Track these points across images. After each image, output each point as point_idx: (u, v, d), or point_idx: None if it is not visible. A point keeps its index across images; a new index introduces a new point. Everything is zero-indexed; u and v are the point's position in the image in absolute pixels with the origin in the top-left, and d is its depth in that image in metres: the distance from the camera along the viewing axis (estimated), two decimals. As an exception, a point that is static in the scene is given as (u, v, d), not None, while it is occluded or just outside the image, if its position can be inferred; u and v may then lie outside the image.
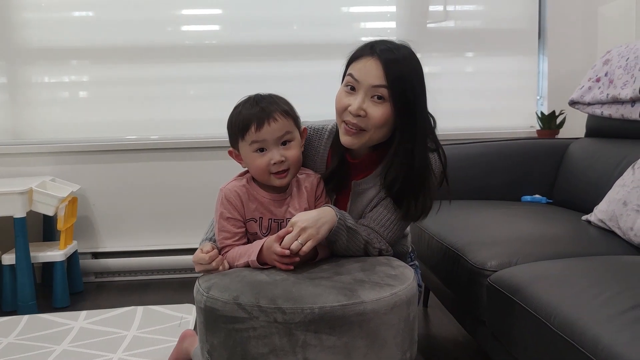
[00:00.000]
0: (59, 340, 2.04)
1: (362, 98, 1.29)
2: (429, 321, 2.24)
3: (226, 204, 1.33)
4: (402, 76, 1.29)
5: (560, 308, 1.08)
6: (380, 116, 1.29)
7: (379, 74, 1.28)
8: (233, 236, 1.33)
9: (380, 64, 1.28)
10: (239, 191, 1.34)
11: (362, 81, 1.30)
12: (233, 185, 1.35)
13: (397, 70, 1.28)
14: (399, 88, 1.28)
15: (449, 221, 1.84)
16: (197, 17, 2.93)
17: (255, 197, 1.34)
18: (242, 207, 1.34)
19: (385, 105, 1.29)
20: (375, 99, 1.29)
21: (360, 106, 1.29)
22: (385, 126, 1.32)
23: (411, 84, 1.31)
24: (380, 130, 1.32)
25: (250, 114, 1.29)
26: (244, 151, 1.32)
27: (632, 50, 1.94)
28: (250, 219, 1.34)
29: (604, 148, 2.05)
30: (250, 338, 1.11)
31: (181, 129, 2.93)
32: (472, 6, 3.07)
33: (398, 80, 1.28)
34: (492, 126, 3.02)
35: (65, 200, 2.50)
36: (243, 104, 1.34)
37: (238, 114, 1.33)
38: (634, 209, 1.53)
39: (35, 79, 2.88)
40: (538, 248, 1.48)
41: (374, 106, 1.29)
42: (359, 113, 1.29)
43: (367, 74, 1.29)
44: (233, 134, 1.34)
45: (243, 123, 1.30)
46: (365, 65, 1.30)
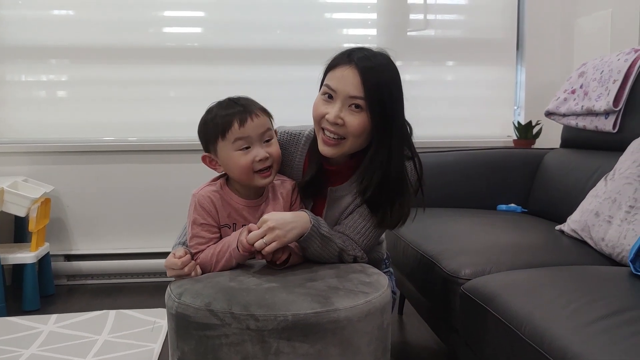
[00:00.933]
0: (27, 345, 2.00)
1: (339, 107, 1.29)
2: (403, 328, 2.25)
3: (200, 210, 1.31)
4: (379, 85, 1.29)
5: (531, 317, 1.09)
6: (357, 125, 1.29)
7: (356, 84, 1.28)
8: (207, 242, 1.31)
9: (357, 73, 1.28)
10: (212, 197, 1.32)
11: (339, 91, 1.29)
12: (206, 190, 1.33)
13: (374, 79, 1.28)
14: (376, 97, 1.28)
15: (424, 229, 1.84)
16: (180, 20, 2.91)
17: (229, 202, 1.33)
18: (216, 213, 1.32)
19: (362, 115, 1.29)
20: (353, 107, 1.29)
21: (337, 114, 1.29)
22: (362, 135, 1.32)
23: (389, 93, 1.31)
24: (358, 139, 1.32)
25: (231, 113, 1.28)
26: (225, 152, 1.29)
27: (606, 64, 1.97)
28: (224, 225, 1.33)
29: (578, 159, 2.08)
30: (222, 345, 1.10)
31: (159, 131, 2.90)
32: (453, 16, 3.10)
33: (375, 90, 1.28)
34: (469, 135, 3.05)
35: (37, 201, 2.45)
36: (217, 106, 1.33)
37: (214, 116, 1.30)
38: (606, 220, 1.56)
39: (10, 77, 2.82)
40: (512, 257, 1.49)
41: (351, 115, 1.29)
42: (337, 121, 1.29)
43: (345, 83, 1.29)
44: (210, 136, 1.31)
45: (224, 122, 1.27)
46: (342, 74, 1.30)
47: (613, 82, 1.90)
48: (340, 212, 1.42)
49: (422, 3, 3.01)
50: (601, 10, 2.58)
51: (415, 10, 3.01)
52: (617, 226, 1.50)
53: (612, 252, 1.50)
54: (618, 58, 1.92)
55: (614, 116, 1.90)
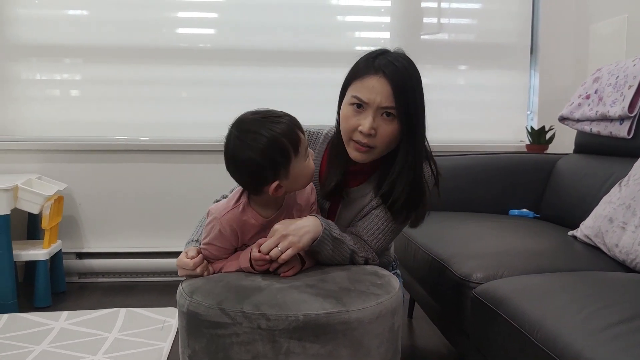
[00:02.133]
0: (38, 341, 2.01)
1: (372, 117, 1.28)
2: (413, 332, 2.24)
3: (219, 237, 1.27)
4: (406, 90, 1.29)
5: (544, 322, 1.08)
6: (390, 134, 1.30)
7: (387, 94, 1.28)
8: (219, 258, 1.31)
9: (387, 83, 1.28)
10: (236, 225, 1.26)
11: (370, 102, 1.28)
12: (230, 218, 1.26)
13: (402, 85, 1.28)
14: (404, 103, 1.28)
15: (435, 232, 1.84)
16: (193, 21, 2.93)
17: (253, 224, 1.27)
18: (237, 239, 1.28)
19: (394, 122, 1.30)
20: (385, 116, 1.29)
21: (371, 126, 1.28)
22: (392, 142, 1.32)
23: (413, 97, 1.31)
24: (388, 146, 1.33)
25: (286, 127, 1.18)
26: (298, 166, 1.21)
27: (621, 69, 1.96)
28: (244, 245, 1.30)
29: (592, 164, 2.06)
30: (233, 344, 1.10)
31: (172, 131, 2.91)
32: (466, 20, 3.09)
33: (404, 96, 1.28)
34: (482, 139, 3.04)
35: (51, 198, 2.47)
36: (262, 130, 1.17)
37: (268, 139, 1.16)
38: (620, 226, 1.54)
39: (25, 75, 2.85)
40: (524, 262, 1.48)
41: (384, 124, 1.29)
42: (370, 132, 1.28)
43: (376, 94, 1.28)
44: (281, 160, 1.18)
45: (291, 139, 1.18)
46: (372, 85, 1.28)
47: (628, 88, 1.88)
48: (355, 213, 1.41)
49: (436, 7, 3.01)
50: (617, 16, 2.56)
51: (428, 14, 3.01)
52: (632, 232, 1.49)
53: (626, 258, 1.48)
54: (634, 63, 1.91)
55: (629, 122, 1.88)
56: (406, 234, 1.94)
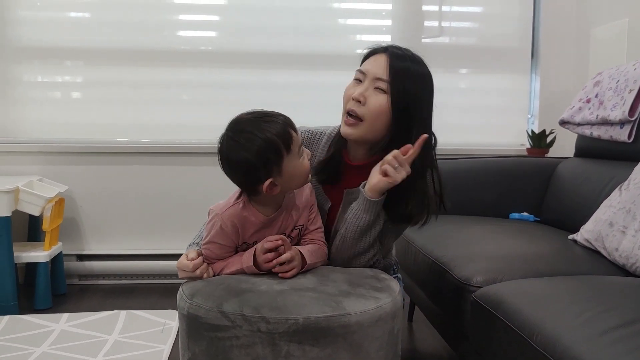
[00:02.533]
0: (39, 343, 2.02)
1: (365, 87, 1.34)
2: (413, 335, 2.24)
3: (220, 234, 1.27)
4: (406, 75, 1.33)
5: (543, 326, 1.08)
6: (376, 105, 1.32)
7: (383, 66, 1.33)
8: (219, 257, 1.30)
9: (387, 59, 1.34)
10: (237, 221, 1.26)
11: (368, 72, 1.35)
12: (231, 213, 1.26)
13: (401, 67, 1.33)
14: (400, 85, 1.32)
15: (436, 235, 1.84)
16: (194, 23, 2.94)
17: (253, 222, 1.28)
18: (238, 236, 1.28)
19: (384, 97, 1.33)
20: (378, 90, 1.33)
21: (362, 92, 1.33)
22: (379, 118, 1.33)
23: (414, 86, 1.34)
24: (376, 122, 1.33)
25: (279, 126, 1.20)
26: (291, 164, 1.22)
27: (622, 73, 1.96)
28: (244, 243, 1.30)
29: (592, 168, 2.06)
30: (232, 347, 1.10)
31: (172, 134, 2.92)
32: (467, 23, 3.10)
33: (400, 77, 1.32)
34: (482, 142, 3.04)
35: (52, 200, 2.47)
36: (256, 130, 1.19)
37: (266, 138, 1.18)
38: (620, 230, 1.54)
39: (27, 77, 2.86)
40: (524, 265, 1.48)
41: (374, 95, 1.33)
42: (359, 98, 1.32)
43: (373, 65, 1.35)
44: (274, 158, 1.19)
45: (283, 137, 1.19)
46: (374, 58, 1.36)
47: (629, 92, 1.88)
48: None
49: (437, 10, 3.01)
50: (617, 20, 2.56)
51: (430, 17, 3.01)
52: (632, 237, 1.49)
53: (626, 262, 1.48)
54: (634, 67, 1.91)
55: (629, 126, 1.88)
56: (406, 237, 1.94)
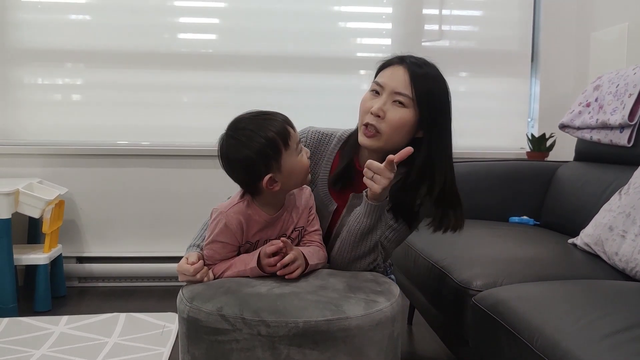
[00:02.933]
0: (38, 345, 2.01)
1: (384, 101, 1.33)
2: (412, 339, 2.24)
3: (225, 232, 1.27)
4: (430, 92, 1.33)
5: (543, 330, 1.08)
6: (397, 119, 1.32)
7: (403, 81, 1.32)
8: (222, 257, 1.30)
9: (406, 72, 1.33)
10: (242, 219, 1.27)
11: (386, 86, 1.34)
12: (236, 211, 1.27)
13: (424, 84, 1.33)
14: (425, 101, 1.32)
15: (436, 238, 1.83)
16: (194, 26, 2.94)
17: (257, 220, 1.29)
18: (242, 234, 1.29)
19: (404, 111, 1.32)
20: (397, 103, 1.32)
21: (380, 107, 1.32)
22: (400, 131, 1.33)
23: (439, 102, 1.35)
24: (395, 135, 1.33)
25: (277, 123, 1.22)
26: (289, 161, 1.23)
27: (622, 77, 1.96)
28: (247, 242, 1.31)
29: (592, 172, 2.06)
30: (232, 350, 1.10)
31: (172, 136, 2.92)
32: (467, 27, 3.11)
33: (425, 94, 1.32)
34: (482, 146, 3.04)
35: (52, 203, 2.47)
36: (255, 128, 1.21)
37: (265, 134, 1.20)
38: (620, 234, 1.54)
39: (27, 79, 2.86)
40: (524, 269, 1.48)
41: (394, 109, 1.32)
42: (379, 113, 1.31)
43: (392, 79, 1.33)
44: (272, 154, 1.21)
45: (281, 133, 1.21)
46: (392, 71, 1.35)
47: (629, 96, 1.89)
48: None
49: (437, 14, 3.02)
50: (618, 24, 2.57)
51: (430, 20, 3.02)
52: (631, 241, 1.49)
53: (626, 266, 1.48)
54: (634, 72, 1.92)
55: (629, 130, 1.89)
56: (407, 240, 1.94)
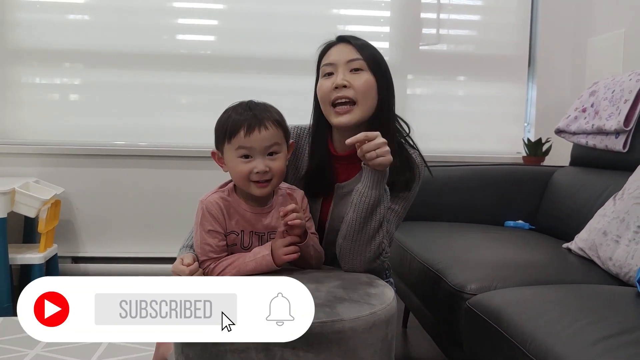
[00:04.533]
0: (32, 345, 2.01)
1: (342, 73, 1.37)
2: (407, 342, 2.24)
3: (208, 217, 1.30)
4: (372, 50, 1.41)
5: (536, 334, 1.08)
6: (363, 82, 1.37)
7: (351, 50, 1.39)
8: (215, 250, 1.30)
9: (349, 44, 1.40)
10: (220, 203, 1.31)
11: (337, 61, 1.38)
12: (214, 197, 1.32)
13: (365, 46, 1.40)
14: (372, 58, 1.39)
15: (431, 242, 1.84)
16: (193, 27, 2.94)
17: (237, 210, 1.32)
18: (224, 220, 1.31)
19: (365, 74, 1.38)
20: (354, 71, 1.38)
21: (343, 78, 1.36)
22: (370, 94, 1.38)
23: (382, 60, 1.42)
24: (367, 100, 1.37)
25: (242, 118, 1.26)
26: (228, 155, 1.29)
27: (618, 83, 1.97)
28: (231, 232, 1.32)
29: (587, 177, 2.07)
30: (227, 352, 1.10)
31: (170, 137, 2.92)
32: (465, 31, 3.12)
33: (369, 53, 1.40)
34: (479, 150, 3.05)
35: (48, 202, 2.47)
36: (235, 107, 1.31)
37: (228, 116, 1.29)
38: (614, 239, 1.55)
39: (25, 79, 2.86)
40: (518, 273, 1.49)
41: (355, 76, 1.37)
42: (344, 83, 1.36)
43: (340, 54, 1.39)
44: (220, 135, 1.30)
45: (233, 126, 1.26)
46: (336, 49, 1.41)
47: (624, 102, 1.90)
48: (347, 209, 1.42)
49: (435, 18, 3.03)
50: (614, 30, 2.58)
51: (428, 24, 3.03)
52: (625, 246, 1.50)
53: (620, 272, 1.49)
54: (630, 78, 1.93)
55: (625, 136, 1.90)
56: (402, 243, 1.95)
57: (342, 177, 1.45)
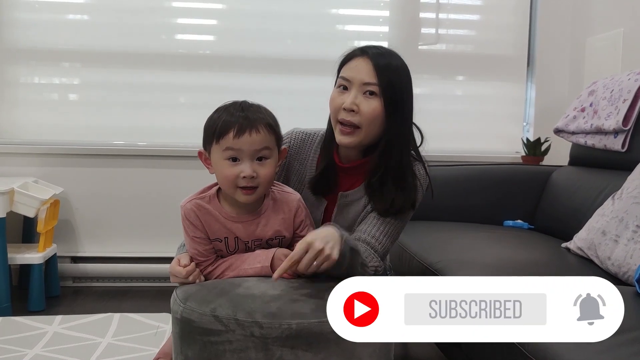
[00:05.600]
0: (31, 345, 2.01)
1: (354, 95, 1.35)
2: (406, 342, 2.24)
3: (187, 224, 1.27)
4: (390, 70, 1.35)
5: (535, 334, 1.08)
6: (371, 110, 1.34)
7: (368, 71, 1.34)
8: (203, 254, 1.29)
9: (370, 63, 1.35)
10: (198, 212, 1.27)
11: (353, 80, 1.35)
12: (192, 203, 1.28)
13: (386, 69, 1.35)
14: (387, 81, 1.34)
15: (430, 242, 1.85)
16: (192, 27, 2.94)
17: (217, 218, 1.27)
18: (204, 228, 1.27)
19: (375, 100, 1.34)
20: (367, 94, 1.35)
21: (353, 101, 1.34)
22: (375, 121, 1.35)
23: (398, 78, 1.36)
24: (372, 126, 1.35)
25: (233, 120, 1.22)
26: (215, 156, 1.25)
27: (616, 83, 1.98)
28: (215, 239, 1.29)
29: (586, 177, 2.08)
30: (225, 351, 1.10)
31: (169, 137, 2.92)
32: (464, 31, 3.12)
33: (386, 74, 1.34)
34: (477, 150, 3.05)
35: (47, 202, 2.47)
36: (227, 107, 1.27)
37: (219, 116, 1.25)
38: (613, 239, 1.55)
39: (24, 79, 2.86)
40: (517, 273, 1.48)
41: (366, 101, 1.34)
42: (352, 108, 1.33)
43: (358, 72, 1.35)
44: (208, 135, 1.26)
45: (222, 126, 1.22)
46: (356, 64, 1.37)
47: (623, 102, 1.90)
48: (350, 218, 1.42)
49: (434, 17, 3.03)
50: (613, 30, 2.58)
51: (426, 24, 3.03)
52: (624, 245, 1.50)
53: (618, 271, 1.49)
54: (629, 77, 1.93)
55: (623, 135, 1.90)
56: (401, 243, 1.95)
57: (346, 186, 1.44)
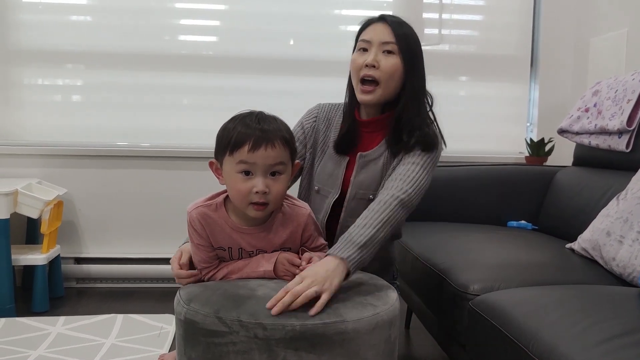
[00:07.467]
0: (35, 346, 2.01)
1: (375, 52, 1.48)
2: (410, 342, 2.24)
3: (192, 231, 1.27)
4: (407, 35, 1.49)
5: (539, 335, 1.08)
6: (391, 66, 1.47)
7: (388, 33, 1.48)
8: (206, 261, 1.30)
9: (388, 26, 1.49)
10: (203, 221, 1.25)
11: (373, 40, 1.49)
12: (198, 211, 1.26)
13: (402, 30, 1.49)
14: (404, 40, 1.48)
15: (434, 243, 1.84)
16: (195, 28, 2.94)
17: (222, 228, 1.26)
18: (208, 237, 1.26)
19: (395, 57, 1.48)
20: (386, 53, 1.48)
21: (374, 58, 1.47)
22: (394, 76, 1.48)
23: (414, 44, 1.51)
24: (390, 81, 1.48)
25: (248, 132, 1.17)
26: (228, 168, 1.21)
27: (620, 83, 1.97)
28: (219, 247, 1.29)
29: (590, 177, 2.07)
30: (229, 353, 1.10)
31: (172, 138, 2.92)
32: (467, 31, 3.11)
33: (404, 37, 1.48)
34: (481, 150, 3.04)
35: (50, 203, 2.47)
36: (243, 118, 1.22)
37: (234, 127, 1.20)
38: (617, 240, 1.55)
39: (28, 80, 2.87)
40: (521, 274, 1.49)
41: (385, 58, 1.47)
42: (374, 64, 1.46)
43: (377, 34, 1.49)
44: (222, 145, 1.22)
45: (237, 138, 1.17)
46: (374, 28, 1.51)
47: (627, 102, 1.89)
48: (369, 176, 1.51)
49: (437, 18, 3.03)
50: (616, 30, 2.58)
51: (430, 25, 3.03)
52: (629, 246, 1.49)
53: (623, 272, 1.49)
54: (633, 78, 1.92)
55: (628, 136, 1.89)
56: (404, 244, 1.95)
57: (366, 144, 1.54)
